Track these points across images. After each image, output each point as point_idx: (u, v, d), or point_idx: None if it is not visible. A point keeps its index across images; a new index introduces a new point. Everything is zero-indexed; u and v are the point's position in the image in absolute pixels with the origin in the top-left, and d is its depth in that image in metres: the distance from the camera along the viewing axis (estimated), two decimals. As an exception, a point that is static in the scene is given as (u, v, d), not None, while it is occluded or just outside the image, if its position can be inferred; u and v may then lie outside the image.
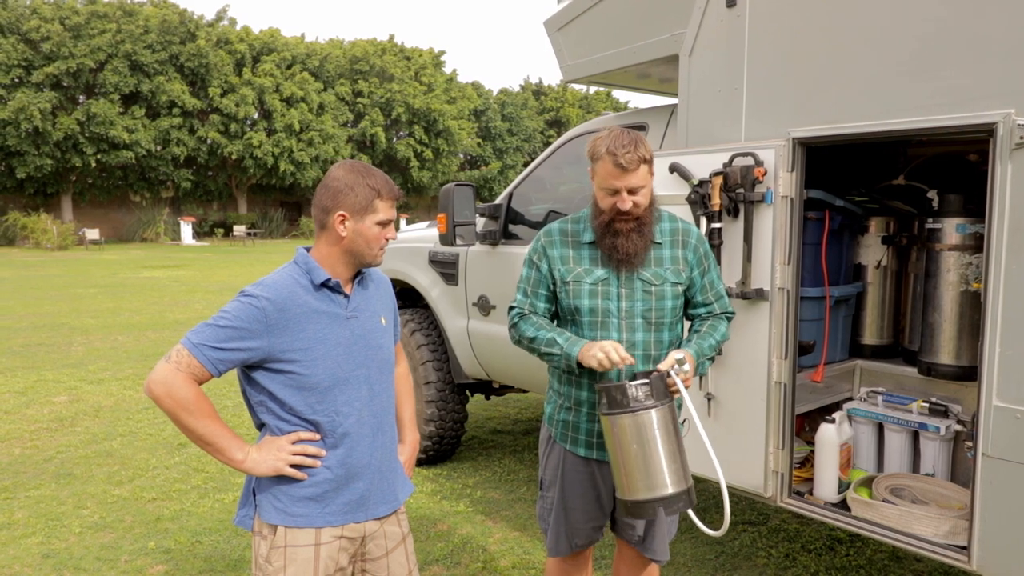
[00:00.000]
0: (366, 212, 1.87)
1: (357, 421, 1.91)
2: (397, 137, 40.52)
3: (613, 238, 2.16)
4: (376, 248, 1.91)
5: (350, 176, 1.87)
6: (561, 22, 3.71)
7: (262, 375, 1.84)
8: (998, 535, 2.18)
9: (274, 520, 1.86)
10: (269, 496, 1.87)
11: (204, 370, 1.77)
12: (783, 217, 2.60)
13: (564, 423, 2.33)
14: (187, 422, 1.76)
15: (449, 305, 4.60)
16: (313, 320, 1.84)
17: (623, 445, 1.99)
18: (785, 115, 2.62)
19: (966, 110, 2.18)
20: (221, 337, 1.77)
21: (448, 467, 4.88)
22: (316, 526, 1.86)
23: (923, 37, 2.27)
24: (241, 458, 1.81)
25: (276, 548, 1.85)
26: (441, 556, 3.60)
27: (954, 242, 2.84)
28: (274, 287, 1.83)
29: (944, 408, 2.91)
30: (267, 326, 1.79)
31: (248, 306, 1.79)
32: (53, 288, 15.27)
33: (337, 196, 1.86)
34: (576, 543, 2.37)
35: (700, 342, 2.22)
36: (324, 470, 1.87)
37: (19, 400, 6.51)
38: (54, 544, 3.73)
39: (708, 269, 2.30)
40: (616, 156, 2.07)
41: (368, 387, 1.94)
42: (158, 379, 1.75)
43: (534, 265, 2.31)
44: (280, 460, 1.83)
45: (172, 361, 1.76)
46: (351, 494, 1.91)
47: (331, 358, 1.85)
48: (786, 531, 3.87)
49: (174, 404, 1.74)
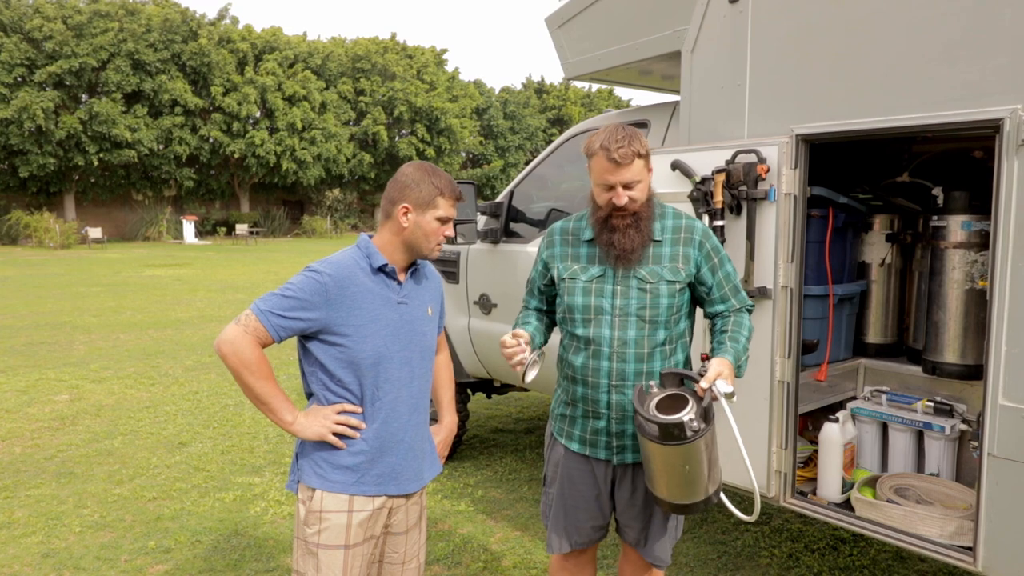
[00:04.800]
0: (428, 207, 2.02)
1: (395, 399, 2.05)
2: (399, 136, 40.51)
3: (610, 234, 2.16)
4: (433, 242, 2.06)
5: (418, 173, 2.04)
6: (562, 19, 3.69)
7: (316, 346, 1.99)
8: (1004, 536, 2.16)
9: (314, 484, 2.01)
10: (310, 461, 2.03)
11: (267, 335, 1.93)
12: (786, 215, 2.58)
13: (563, 417, 2.34)
14: (248, 380, 1.93)
15: (450, 303, 4.58)
16: (368, 300, 1.99)
17: (674, 466, 2.01)
18: (788, 111, 2.60)
19: (972, 106, 2.15)
20: (285, 306, 1.93)
21: (449, 466, 4.86)
22: (350, 493, 2.01)
23: (929, 32, 2.24)
24: (291, 420, 1.98)
25: (313, 512, 2.01)
26: (442, 556, 3.59)
27: (959, 240, 2.81)
28: (336, 265, 1.99)
29: (949, 407, 2.89)
30: (327, 299, 1.94)
31: (312, 280, 1.94)
32: (55, 287, 15.28)
33: (404, 190, 2.03)
34: (575, 541, 2.36)
35: (734, 345, 2.14)
36: (361, 442, 2.02)
37: (20, 399, 6.51)
38: (54, 543, 3.72)
39: (720, 264, 2.22)
40: (610, 151, 2.06)
41: (408, 369, 2.08)
42: (227, 339, 1.91)
43: (536, 264, 2.38)
44: (324, 427, 1.99)
45: (241, 324, 1.93)
46: (384, 467, 2.05)
47: (379, 337, 2.00)
48: (789, 531, 3.85)
49: (239, 363, 1.91)
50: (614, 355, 2.16)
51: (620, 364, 2.16)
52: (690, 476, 2.01)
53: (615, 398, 2.19)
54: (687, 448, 1.95)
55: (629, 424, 2.20)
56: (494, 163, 43.90)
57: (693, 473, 2.00)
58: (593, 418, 2.24)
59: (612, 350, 2.16)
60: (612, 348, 2.16)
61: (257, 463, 4.89)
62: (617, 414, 2.20)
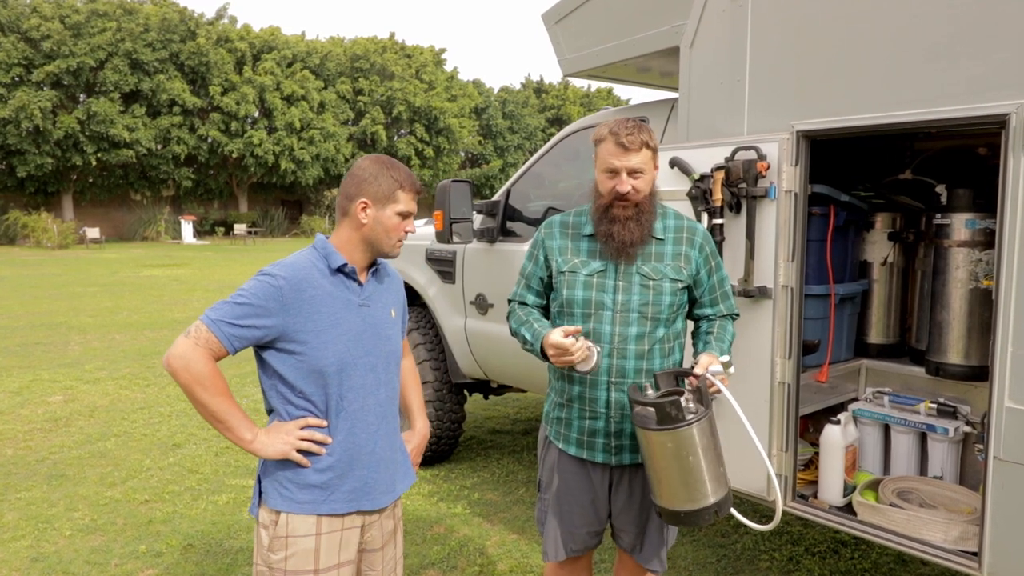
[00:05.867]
0: (387, 202, 1.93)
1: (361, 407, 1.94)
2: (398, 135, 40.46)
3: (610, 225, 2.12)
4: (395, 238, 1.96)
5: (375, 167, 1.94)
6: (560, 14, 3.64)
7: (274, 356, 1.87)
8: (1010, 541, 2.11)
9: (279, 506, 1.88)
10: (274, 482, 1.90)
11: (221, 346, 1.81)
12: (787, 213, 2.53)
13: (558, 420, 2.29)
14: (201, 397, 1.80)
15: (446, 304, 4.53)
16: (327, 303, 1.88)
17: (675, 458, 1.95)
18: (789, 107, 2.55)
19: (977, 101, 2.10)
20: (238, 314, 1.81)
21: (446, 468, 4.81)
22: (320, 513, 1.89)
23: (932, 25, 2.19)
24: (250, 438, 1.84)
25: (278, 538, 1.88)
26: (438, 559, 3.53)
27: (963, 238, 2.77)
28: (291, 267, 1.88)
29: (953, 409, 2.84)
30: (282, 305, 1.83)
31: (265, 284, 1.84)
32: (52, 287, 15.23)
33: (361, 184, 1.93)
34: (572, 548, 2.31)
35: (720, 344, 2.20)
36: (327, 457, 1.90)
37: (13, 400, 6.45)
38: (43, 547, 3.67)
39: (716, 268, 2.27)
40: (618, 135, 2.08)
41: (374, 375, 1.97)
42: (177, 353, 1.79)
43: (532, 257, 2.31)
44: (287, 444, 1.86)
45: (191, 336, 1.80)
46: (355, 481, 1.93)
47: (341, 342, 1.89)
48: (789, 534, 3.80)
49: (190, 378, 1.78)
50: (614, 351, 2.13)
51: (620, 361, 2.13)
52: (692, 471, 1.96)
53: (614, 396, 2.14)
54: (686, 433, 1.93)
55: (627, 423, 2.16)
56: (493, 163, 43.84)
57: (695, 467, 1.95)
58: (590, 418, 2.19)
59: (612, 346, 2.13)
60: (612, 344, 2.13)
61: (251, 465, 4.84)
62: (616, 413, 2.16)
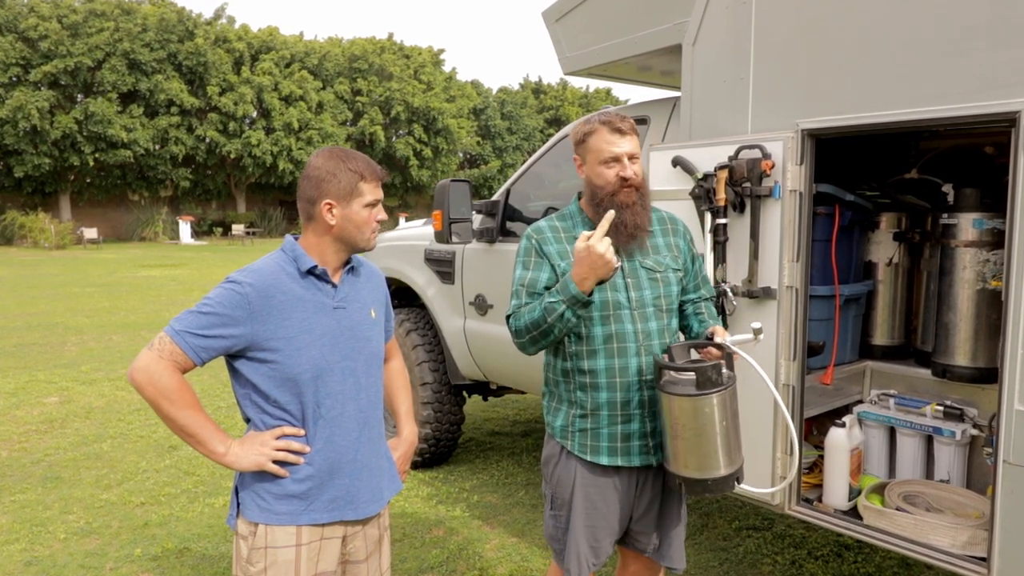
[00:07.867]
0: (352, 196, 1.84)
1: (340, 414, 1.86)
2: (396, 136, 40.37)
3: (620, 212, 2.02)
4: (368, 232, 1.89)
5: (330, 163, 1.85)
6: (560, 12, 3.60)
7: (245, 365, 1.80)
8: (1020, 546, 2.07)
9: (257, 518, 1.82)
10: (252, 494, 1.83)
11: (187, 358, 1.74)
12: (791, 212, 2.50)
13: (583, 432, 2.15)
14: (168, 411, 1.73)
15: (445, 304, 4.49)
16: (298, 308, 1.80)
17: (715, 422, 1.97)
18: (793, 106, 2.51)
19: (986, 98, 2.07)
20: (204, 324, 1.74)
21: (444, 470, 4.77)
22: (300, 524, 1.82)
23: (940, 22, 2.16)
24: (223, 451, 1.77)
25: (257, 549, 1.81)
26: (436, 563, 3.49)
27: (971, 238, 2.73)
28: (258, 273, 1.80)
29: (959, 411, 2.80)
30: (250, 313, 1.75)
31: (231, 292, 1.76)
32: (49, 287, 15.16)
33: (320, 185, 1.83)
34: (593, 563, 2.20)
35: (715, 321, 2.25)
36: (306, 466, 1.83)
37: (9, 401, 6.40)
38: (37, 551, 3.62)
39: (696, 255, 2.33)
40: (611, 123, 2.07)
41: (353, 380, 1.89)
42: (140, 367, 1.72)
43: (530, 264, 2.14)
44: (263, 455, 1.79)
45: (155, 349, 1.73)
46: (336, 490, 1.86)
47: (315, 348, 1.81)
48: (792, 537, 3.76)
49: (155, 392, 1.71)
50: (641, 349, 2.09)
51: (648, 358, 2.09)
52: (727, 434, 1.98)
53: (647, 395, 2.11)
54: (728, 394, 1.96)
55: (659, 420, 2.09)
56: (491, 163, 43.79)
57: (730, 430, 1.98)
58: (623, 422, 2.11)
59: (639, 344, 2.09)
60: (639, 343, 2.09)
61: (248, 467, 4.80)
62: (648, 412, 2.12)
